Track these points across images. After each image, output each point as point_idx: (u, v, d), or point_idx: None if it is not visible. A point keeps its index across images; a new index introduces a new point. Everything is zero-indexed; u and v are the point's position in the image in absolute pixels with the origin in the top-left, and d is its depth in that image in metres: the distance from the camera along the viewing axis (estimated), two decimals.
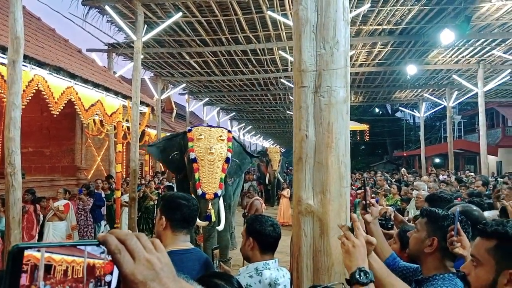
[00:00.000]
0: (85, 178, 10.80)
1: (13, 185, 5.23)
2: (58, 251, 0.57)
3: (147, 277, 0.58)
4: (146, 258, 0.60)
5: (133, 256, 0.59)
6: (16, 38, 5.27)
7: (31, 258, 0.55)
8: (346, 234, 1.44)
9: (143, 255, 0.60)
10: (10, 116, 5.25)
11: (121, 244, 0.59)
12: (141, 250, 0.60)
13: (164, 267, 0.61)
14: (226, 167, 5.73)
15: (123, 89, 10.47)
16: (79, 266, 0.58)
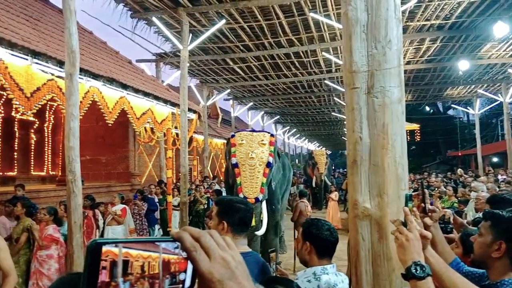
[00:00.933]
0: (138, 183, 11.24)
1: (74, 192, 5.52)
2: (134, 246, 0.56)
3: (224, 275, 0.58)
4: (221, 256, 0.59)
5: (208, 254, 0.59)
6: (72, 52, 5.59)
7: (109, 253, 0.54)
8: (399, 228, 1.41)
9: (218, 253, 0.59)
10: (69, 126, 5.56)
11: (195, 241, 0.59)
12: (216, 248, 0.60)
13: (238, 266, 0.61)
14: (267, 171, 5.73)
15: (171, 97, 10.80)
16: (155, 262, 0.57)
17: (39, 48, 6.29)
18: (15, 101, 6.22)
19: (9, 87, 5.95)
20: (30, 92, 6.22)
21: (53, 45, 7.11)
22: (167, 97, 10.58)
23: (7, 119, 9.72)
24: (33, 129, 10.47)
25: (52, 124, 11.03)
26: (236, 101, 21.61)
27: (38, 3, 9.73)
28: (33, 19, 7.86)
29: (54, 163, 11.03)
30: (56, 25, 8.71)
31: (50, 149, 11.01)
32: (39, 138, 10.66)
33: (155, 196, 9.64)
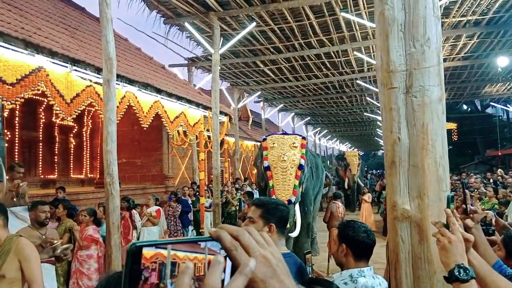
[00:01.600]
0: (172, 185, 11.47)
1: (112, 194, 5.69)
2: (179, 247, 0.56)
3: (266, 274, 0.57)
4: (262, 255, 0.58)
5: (249, 253, 0.57)
6: (109, 59, 5.78)
7: (159, 256, 0.55)
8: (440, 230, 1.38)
9: (259, 251, 0.58)
10: (107, 130, 5.74)
11: (235, 240, 0.58)
12: (255, 246, 0.58)
13: (279, 263, 0.59)
14: (299, 173, 5.73)
15: (203, 100, 10.97)
16: (201, 263, 0.57)
17: (78, 56, 6.54)
18: (56, 107, 6.50)
19: (50, 94, 6.23)
20: (70, 98, 6.49)
21: (91, 52, 7.38)
22: (199, 100, 10.75)
23: (48, 125, 10.17)
24: (72, 134, 10.90)
25: (90, 128, 11.45)
26: (267, 103, 21.65)
27: (76, 12, 10.14)
28: (72, 28, 8.19)
29: (92, 166, 11.43)
30: (93, 33, 9.04)
31: (89, 152, 11.43)
32: (78, 143, 11.08)
33: (188, 198, 9.80)
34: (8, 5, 6.60)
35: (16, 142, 9.13)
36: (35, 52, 5.77)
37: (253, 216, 2.07)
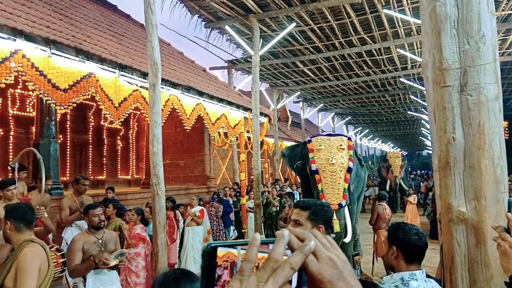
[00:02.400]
0: (214, 186, 11.67)
1: (158, 194, 5.87)
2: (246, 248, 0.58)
3: (333, 276, 0.58)
4: (328, 256, 0.59)
5: (315, 255, 0.59)
6: (155, 64, 5.97)
7: (230, 255, 0.58)
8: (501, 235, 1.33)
9: (325, 253, 0.59)
10: (153, 133, 5.93)
11: (301, 242, 0.59)
12: (321, 248, 0.59)
13: (345, 265, 0.60)
14: (348, 176, 5.62)
15: (243, 102, 11.08)
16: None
17: (125, 62, 6.81)
18: (105, 111, 6.81)
19: (100, 99, 6.53)
20: (118, 103, 6.77)
21: (137, 58, 7.66)
22: (240, 102, 10.87)
23: (97, 128, 10.65)
24: (119, 136, 11.35)
25: (135, 131, 11.87)
26: (306, 103, 21.51)
27: (122, 20, 10.56)
28: (118, 35, 8.54)
29: (137, 168, 11.84)
30: (138, 39, 9.37)
31: (135, 154, 11.85)
32: (124, 145, 11.52)
33: (230, 198, 9.92)
34: (59, 15, 6.99)
35: (68, 145, 9.62)
36: (86, 58, 6.07)
37: (300, 218, 2.04)
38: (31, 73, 5.27)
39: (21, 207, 2.84)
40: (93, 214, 4.02)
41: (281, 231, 0.58)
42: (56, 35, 5.73)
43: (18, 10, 5.68)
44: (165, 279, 1.39)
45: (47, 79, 5.46)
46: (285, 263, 0.55)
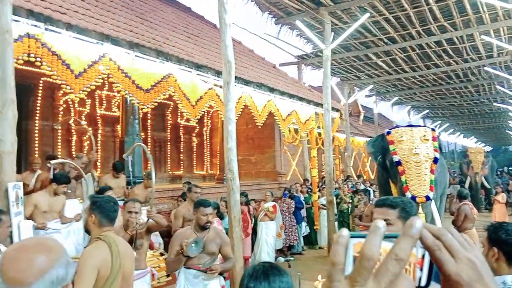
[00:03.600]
0: (285, 182, 11.71)
1: (232, 189, 6.03)
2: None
3: (471, 277, 0.54)
4: (467, 257, 0.55)
5: (452, 254, 0.55)
6: (228, 62, 6.11)
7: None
8: None
9: (463, 253, 0.56)
10: (227, 129, 6.09)
11: (437, 240, 0.56)
12: (459, 248, 0.56)
13: (483, 266, 0.56)
14: (434, 167, 5.29)
15: (314, 97, 10.95)
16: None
17: (201, 61, 7.07)
18: (183, 109, 7.13)
19: (178, 98, 6.85)
20: (195, 101, 7.05)
21: (211, 57, 7.91)
22: (310, 97, 10.76)
23: (174, 125, 11.19)
24: (194, 133, 11.83)
25: (209, 128, 12.29)
26: (379, 96, 20.68)
27: (196, 21, 10.97)
28: (194, 36, 8.89)
29: (212, 163, 12.26)
30: (211, 39, 9.67)
31: (209, 150, 12.28)
32: (199, 141, 11.99)
33: (301, 194, 9.89)
34: (141, 19, 7.44)
35: (148, 142, 10.24)
36: (165, 60, 6.40)
37: (389, 217, 1.92)
38: (117, 75, 5.68)
39: (108, 201, 2.77)
40: (202, 212, 3.65)
41: (376, 221, 0.53)
42: (138, 38, 6.10)
43: (104, 16, 6.14)
44: (255, 272, 1.41)
45: (131, 80, 5.85)
46: (387, 256, 0.50)
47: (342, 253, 0.51)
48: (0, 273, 1.00)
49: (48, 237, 1.18)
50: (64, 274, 1.04)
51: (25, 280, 0.98)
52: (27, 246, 1.08)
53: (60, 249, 1.08)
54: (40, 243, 1.09)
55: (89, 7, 6.05)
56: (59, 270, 1.03)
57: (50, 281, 1.01)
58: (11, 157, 3.52)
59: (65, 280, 1.04)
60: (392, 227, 1.89)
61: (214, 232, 3.79)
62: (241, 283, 1.40)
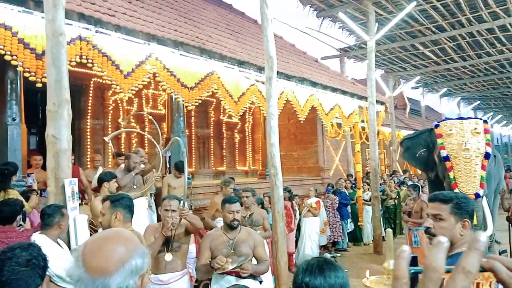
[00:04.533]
0: (328, 177, 11.57)
1: (276, 184, 6.03)
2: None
3: None
4: None
5: None
6: (270, 58, 6.10)
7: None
8: None
9: None
10: (270, 125, 6.09)
11: (510, 271, 0.56)
12: None
13: None
14: (486, 163, 4.99)
15: (357, 90, 10.71)
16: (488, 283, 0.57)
17: (243, 58, 7.11)
18: (225, 106, 7.21)
19: (221, 95, 6.94)
20: (237, 97, 7.11)
21: (253, 53, 7.93)
22: (354, 90, 10.53)
23: (217, 122, 11.34)
24: (236, 130, 11.93)
25: (251, 124, 12.35)
26: (426, 88, 19.90)
27: (237, 18, 11.03)
28: (235, 33, 8.94)
29: (254, 159, 12.32)
30: (252, 35, 9.69)
31: (251, 146, 12.35)
32: (241, 137, 12.08)
33: (345, 190, 9.73)
34: (184, 18, 7.58)
35: (192, 139, 10.45)
36: (208, 57, 6.49)
37: (441, 213, 1.84)
38: (163, 74, 5.83)
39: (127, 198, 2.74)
40: (228, 209, 3.41)
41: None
42: (183, 37, 6.23)
43: (150, 16, 6.32)
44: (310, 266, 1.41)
45: (176, 78, 5.98)
46: (454, 270, 0.51)
47: (405, 268, 0.53)
48: (83, 263, 1.04)
49: (122, 229, 1.23)
50: (141, 263, 1.08)
51: (107, 269, 1.03)
52: (106, 237, 1.13)
53: (136, 240, 1.13)
54: (118, 234, 1.14)
55: (136, 8, 6.24)
56: (137, 260, 1.07)
57: (130, 270, 1.05)
58: (67, 154, 3.71)
59: (142, 269, 1.09)
60: (443, 222, 1.82)
61: (246, 232, 3.51)
62: (296, 278, 1.40)
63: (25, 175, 5.05)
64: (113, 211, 2.61)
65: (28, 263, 1.43)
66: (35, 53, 4.45)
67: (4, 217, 3.32)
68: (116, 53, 5.17)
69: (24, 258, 1.43)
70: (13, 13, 4.40)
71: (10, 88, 5.13)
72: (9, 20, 4.35)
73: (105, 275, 1.02)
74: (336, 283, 1.37)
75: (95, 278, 1.02)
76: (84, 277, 1.02)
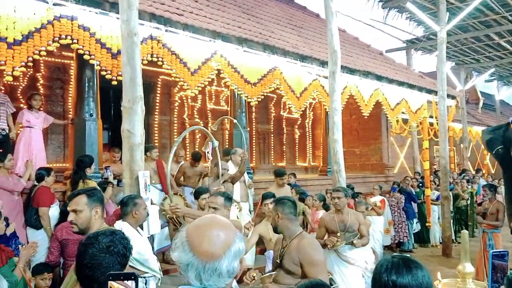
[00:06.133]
0: (393, 175, 11.14)
1: (339, 181, 5.92)
2: None
3: None
4: None
5: None
6: (334, 52, 5.98)
7: None
8: None
9: None
10: (333, 120, 5.97)
11: None
12: None
13: None
14: None
15: (426, 84, 10.18)
16: None
17: (306, 52, 7.04)
18: (287, 101, 7.18)
19: (283, 90, 6.92)
20: (300, 92, 7.05)
21: (315, 47, 7.82)
22: (422, 84, 10.02)
23: (277, 118, 11.35)
24: (297, 125, 11.86)
25: (311, 120, 12.21)
26: (501, 81, 18.44)
27: (299, 12, 10.93)
28: (297, 27, 8.87)
29: (314, 155, 12.18)
30: (314, 29, 9.56)
31: (311, 142, 12.22)
32: (301, 133, 11.98)
33: (412, 189, 9.29)
34: (247, 15, 7.65)
35: (253, 134, 10.55)
36: (271, 53, 6.50)
37: None
38: (227, 70, 5.94)
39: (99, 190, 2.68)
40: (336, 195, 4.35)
41: None
42: (246, 33, 6.30)
43: (215, 15, 6.45)
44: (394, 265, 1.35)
45: (240, 74, 6.07)
46: None
47: None
48: (190, 248, 1.11)
49: (217, 215, 1.28)
50: (242, 247, 1.15)
51: (216, 252, 1.09)
52: (208, 223, 1.18)
53: (233, 226, 1.20)
54: (218, 220, 1.20)
55: (202, 7, 6.40)
56: (239, 244, 1.14)
57: (234, 253, 1.12)
58: (140, 148, 3.90)
59: (242, 253, 1.16)
60: None
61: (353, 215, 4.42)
62: (378, 277, 1.35)
63: (101, 167, 5.40)
64: (92, 206, 2.37)
65: (108, 249, 1.50)
66: (111, 53, 4.73)
67: None
68: (184, 51, 5.34)
69: (105, 245, 1.50)
70: (91, 15, 4.70)
71: (88, 86, 5.48)
72: (88, 22, 4.65)
73: (214, 259, 1.08)
74: (423, 282, 1.32)
75: (205, 262, 1.08)
76: (194, 261, 1.09)
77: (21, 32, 4.21)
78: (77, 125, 5.56)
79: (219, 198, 3.29)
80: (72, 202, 2.39)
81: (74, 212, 2.36)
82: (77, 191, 2.57)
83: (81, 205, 2.35)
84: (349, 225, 4.27)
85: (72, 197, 2.45)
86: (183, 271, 1.11)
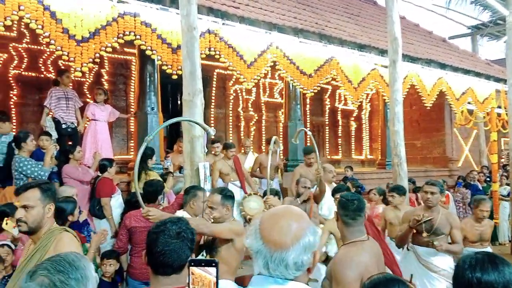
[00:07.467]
0: (456, 169, 10.54)
1: (400, 175, 5.70)
2: None
3: None
4: None
5: None
6: (395, 39, 5.72)
7: None
8: None
9: None
10: (393, 111, 5.74)
11: None
12: None
13: None
14: None
15: (494, 72, 9.48)
16: None
17: (364, 41, 6.81)
18: (344, 92, 7.00)
19: (340, 80, 6.75)
20: (357, 83, 6.84)
21: (373, 36, 7.54)
22: (490, 72, 9.35)
23: (332, 110, 11.13)
24: (352, 117, 11.55)
25: (368, 111, 11.83)
26: None
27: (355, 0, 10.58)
28: (354, 16, 8.60)
29: (371, 148, 11.81)
30: (372, 17, 9.21)
31: (368, 134, 11.86)
32: (358, 125, 11.66)
33: (478, 183, 8.73)
34: (303, 5, 7.53)
35: (307, 126, 10.41)
36: (328, 43, 6.35)
37: None
38: (283, 62, 5.89)
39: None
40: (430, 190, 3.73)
41: None
42: (302, 24, 6.21)
43: (270, 6, 6.41)
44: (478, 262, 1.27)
45: (296, 66, 6.00)
46: None
47: None
48: (261, 236, 1.12)
49: (292, 206, 1.27)
50: (313, 241, 1.12)
51: (285, 243, 1.09)
52: (282, 213, 1.18)
53: (307, 218, 1.18)
54: (291, 211, 1.19)
55: None
56: (310, 237, 1.12)
57: (304, 246, 1.10)
58: (200, 140, 3.99)
59: (314, 246, 1.13)
60: None
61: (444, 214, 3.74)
62: (461, 274, 1.27)
63: (162, 159, 5.60)
64: (46, 203, 2.07)
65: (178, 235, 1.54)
66: (171, 48, 4.86)
67: (149, 197, 3.72)
68: (240, 44, 5.37)
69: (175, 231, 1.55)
70: (152, 11, 4.85)
71: (149, 80, 5.68)
72: (149, 18, 4.81)
73: (282, 248, 1.08)
74: (511, 279, 1.22)
75: (273, 251, 1.08)
76: (263, 249, 1.09)
77: (88, 29, 4.44)
78: (139, 118, 5.79)
79: (216, 196, 2.88)
80: (22, 197, 2.04)
81: (24, 208, 2.02)
82: (28, 183, 2.17)
83: (33, 201, 2.02)
84: (436, 227, 3.60)
85: (22, 190, 2.06)
86: (254, 258, 1.12)
